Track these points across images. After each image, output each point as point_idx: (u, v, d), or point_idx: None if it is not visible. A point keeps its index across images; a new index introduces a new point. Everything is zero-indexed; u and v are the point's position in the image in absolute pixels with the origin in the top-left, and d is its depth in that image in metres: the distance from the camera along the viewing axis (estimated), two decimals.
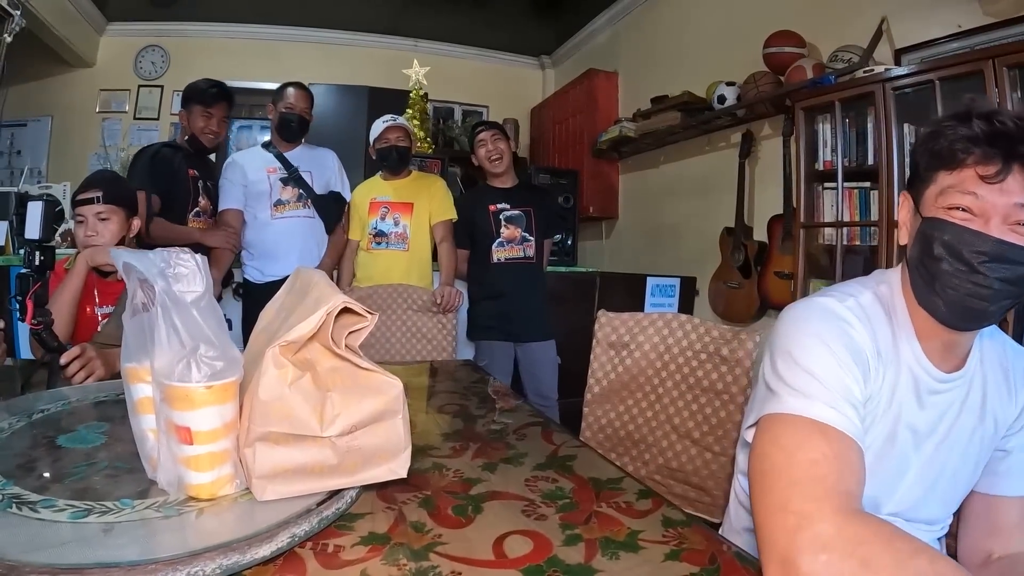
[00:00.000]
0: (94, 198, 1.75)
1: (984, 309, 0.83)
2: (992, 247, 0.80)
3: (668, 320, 1.56)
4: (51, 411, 1.05)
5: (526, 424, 1.23)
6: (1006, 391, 0.97)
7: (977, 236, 0.80)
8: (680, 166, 4.27)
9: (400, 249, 2.83)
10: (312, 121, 2.95)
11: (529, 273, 2.88)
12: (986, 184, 0.80)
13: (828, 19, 3.07)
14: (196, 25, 5.51)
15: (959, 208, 0.82)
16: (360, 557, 0.66)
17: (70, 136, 5.35)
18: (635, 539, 0.74)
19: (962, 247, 0.82)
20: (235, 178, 2.82)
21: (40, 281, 1.30)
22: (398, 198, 2.85)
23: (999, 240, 0.79)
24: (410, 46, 5.81)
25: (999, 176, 0.79)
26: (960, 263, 0.82)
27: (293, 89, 2.88)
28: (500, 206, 2.87)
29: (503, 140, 2.89)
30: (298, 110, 2.84)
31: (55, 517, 0.66)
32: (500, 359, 2.84)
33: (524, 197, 2.92)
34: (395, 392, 0.77)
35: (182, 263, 0.72)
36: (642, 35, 4.80)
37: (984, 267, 0.80)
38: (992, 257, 0.80)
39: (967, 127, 0.81)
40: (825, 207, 2.82)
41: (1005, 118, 0.79)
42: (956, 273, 0.82)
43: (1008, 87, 2.07)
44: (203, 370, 0.70)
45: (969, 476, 0.98)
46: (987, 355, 0.97)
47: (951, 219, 0.83)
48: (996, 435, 0.97)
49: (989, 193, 0.80)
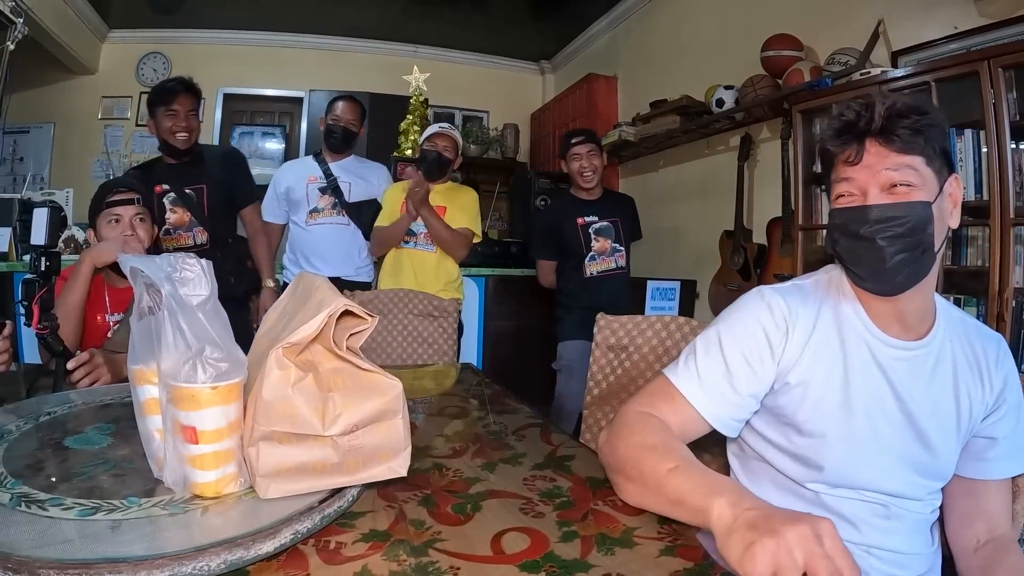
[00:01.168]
0: (134, 199, 1.79)
1: (889, 268, 0.91)
2: (865, 213, 0.91)
3: (666, 323, 1.57)
4: (58, 414, 1.06)
5: (525, 425, 1.25)
6: (977, 375, 1.01)
7: (853, 210, 0.93)
8: (679, 170, 4.29)
9: (429, 250, 2.83)
10: (360, 133, 3.02)
11: (621, 282, 2.94)
12: (851, 167, 0.93)
13: (825, 22, 3.09)
14: (198, 32, 5.55)
15: (842, 196, 0.95)
16: (361, 553, 0.68)
17: (72, 143, 5.39)
18: (630, 535, 0.75)
19: (848, 223, 0.93)
20: (273, 190, 2.97)
21: (46, 286, 1.31)
22: (432, 200, 2.82)
23: (868, 206, 0.91)
24: (410, 52, 5.84)
25: (857, 156, 0.92)
26: (851, 239, 0.93)
27: (342, 103, 2.96)
28: (588, 219, 2.90)
29: (598, 156, 2.91)
30: (343, 122, 2.92)
31: (63, 515, 0.68)
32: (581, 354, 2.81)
33: (610, 208, 2.94)
34: (395, 392, 0.79)
35: (188, 267, 0.74)
36: (641, 39, 4.82)
37: (867, 232, 0.91)
38: (870, 221, 0.90)
39: (831, 130, 0.96)
40: (823, 209, 2.83)
41: (852, 107, 0.93)
42: (854, 248, 0.94)
43: (1004, 88, 2.08)
44: (208, 371, 0.72)
45: (948, 452, 1.00)
46: (955, 332, 1.02)
47: (838, 205, 0.95)
48: (972, 418, 1.00)
49: (857, 172, 0.92)
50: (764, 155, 3.46)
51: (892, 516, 0.99)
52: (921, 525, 1.02)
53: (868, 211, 0.90)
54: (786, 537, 0.60)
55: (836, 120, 0.95)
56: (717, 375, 0.98)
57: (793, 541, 0.60)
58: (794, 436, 1.00)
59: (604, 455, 0.94)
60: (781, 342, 0.98)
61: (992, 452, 1.02)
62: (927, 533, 1.04)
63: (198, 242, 2.59)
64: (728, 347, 0.99)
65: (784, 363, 0.99)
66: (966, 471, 1.03)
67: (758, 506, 0.67)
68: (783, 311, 0.99)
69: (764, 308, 1.00)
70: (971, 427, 1.01)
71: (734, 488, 0.72)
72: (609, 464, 0.91)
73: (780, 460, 1.03)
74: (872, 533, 0.98)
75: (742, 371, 0.98)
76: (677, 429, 0.95)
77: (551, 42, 6.00)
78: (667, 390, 0.99)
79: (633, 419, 0.95)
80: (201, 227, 2.59)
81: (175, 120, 2.45)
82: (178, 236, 2.58)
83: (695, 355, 1.00)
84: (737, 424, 1.01)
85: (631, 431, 0.92)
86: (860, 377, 0.97)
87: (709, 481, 0.75)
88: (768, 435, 1.03)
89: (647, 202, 4.62)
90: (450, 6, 5.14)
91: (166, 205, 2.54)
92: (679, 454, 0.83)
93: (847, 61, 2.78)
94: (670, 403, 0.98)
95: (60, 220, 1.40)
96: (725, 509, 0.68)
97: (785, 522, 0.62)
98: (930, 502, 1.02)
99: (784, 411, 1.00)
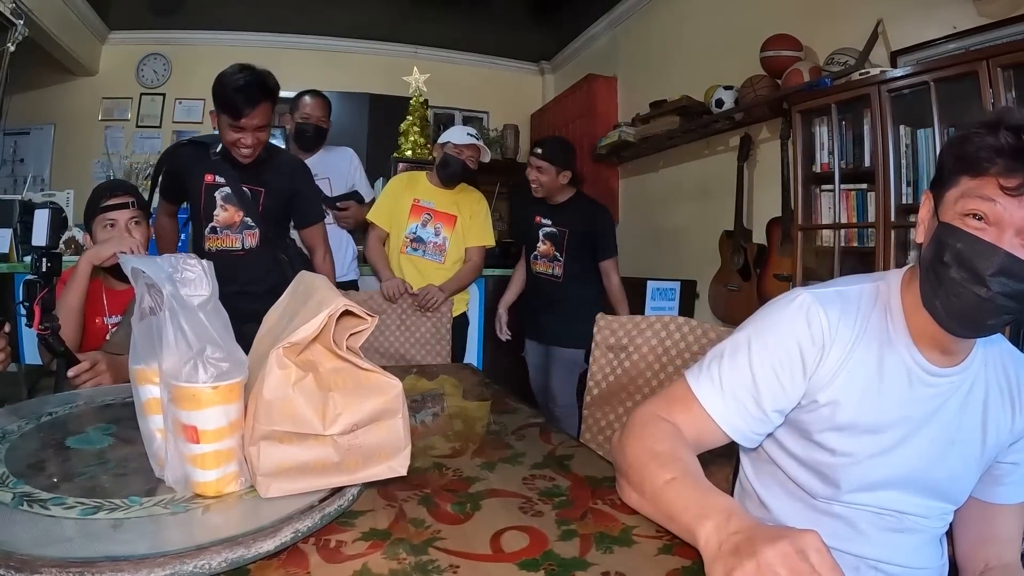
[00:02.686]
0: (129, 203, 1.79)
1: (984, 321, 0.84)
2: (1001, 261, 0.80)
3: (666, 323, 1.57)
4: (59, 414, 1.06)
5: (525, 425, 1.25)
6: (1008, 402, 0.97)
7: (988, 248, 0.81)
8: (679, 170, 4.29)
9: (436, 261, 2.78)
10: (330, 128, 2.94)
11: (553, 288, 2.92)
12: (1005, 195, 0.80)
13: (824, 22, 3.09)
14: (198, 33, 5.55)
15: (975, 215, 0.82)
16: (361, 552, 0.68)
17: (73, 144, 5.39)
18: (629, 534, 0.76)
19: (972, 257, 0.82)
20: None
21: (47, 287, 1.32)
22: (442, 207, 2.79)
23: (1009, 254, 0.79)
24: (410, 53, 5.84)
25: (1020, 190, 0.79)
26: (968, 273, 0.82)
27: (309, 98, 2.88)
28: (543, 220, 2.90)
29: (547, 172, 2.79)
30: (314, 119, 2.85)
31: (65, 514, 0.68)
32: (532, 356, 3.07)
33: (566, 218, 2.88)
34: (395, 392, 0.79)
35: (189, 268, 0.75)
36: (640, 40, 4.83)
37: (991, 280, 0.80)
38: (1000, 271, 0.80)
39: (994, 137, 0.80)
40: (823, 209, 2.83)
41: None
42: (963, 282, 0.83)
43: (1003, 87, 2.08)
44: (209, 371, 0.72)
45: (967, 479, 0.98)
46: (990, 357, 0.98)
47: (965, 228, 0.83)
48: (997, 446, 0.97)
49: (1008, 203, 0.80)
50: (763, 155, 3.46)
51: (904, 530, 0.97)
52: (931, 539, 1.01)
53: (1007, 259, 0.80)
54: (766, 557, 0.59)
55: (1012, 135, 0.80)
56: (741, 387, 0.93)
57: (775, 560, 0.59)
58: (814, 452, 0.97)
59: (615, 455, 0.92)
60: (815, 359, 0.93)
61: (1011, 476, 1.00)
62: (937, 546, 1.02)
63: (246, 246, 2.24)
64: (757, 358, 0.93)
65: (816, 381, 0.93)
66: (984, 495, 1.01)
67: (744, 528, 0.65)
68: (822, 326, 0.92)
69: (802, 320, 0.93)
70: (995, 454, 0.98)
71: (724, 509, 0.69)
72: (618, 465, 0.90)
73: (796, 471, 1.00)
74: (882, 544, 0.97)
75: (769, 386, 0.92)
76: (692, 438, 0.92)
77: (551, 43, 6.01)
78: (685, 396, 0.95)
79: (645, 422, 0.92)
80: (253, 230, 2.23)
81: (241, 136, 2.05)
82: (224, 236, 2.24)
83: (720, 361, 0.95)
84: (758, 437, 0.97)
85: (641, 435, 0.89)
86: (893, 403, 0.93)
87: (701, 500, 0.73)
88: (787, 445, 1.01)
89: (647, 202, 4.64)
90: (450, 7, 5.14)
91: (216, 199, 2.20)
92: (680, 465, 0.81)
93: (846, 61, 2.79)
94: (687, 410, 0.94)
95: (61, 221, 1.41)
96: (712, 534, 0.67)
97: (766, 542, 0.60)
98: (941, 518, 1.00)
99: (809, 428, 0.97)
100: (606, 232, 2.94)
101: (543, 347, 2.98)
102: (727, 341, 0.98)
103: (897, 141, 2.45)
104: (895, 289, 0.97)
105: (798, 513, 1.01)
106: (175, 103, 5.58)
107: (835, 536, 0.96)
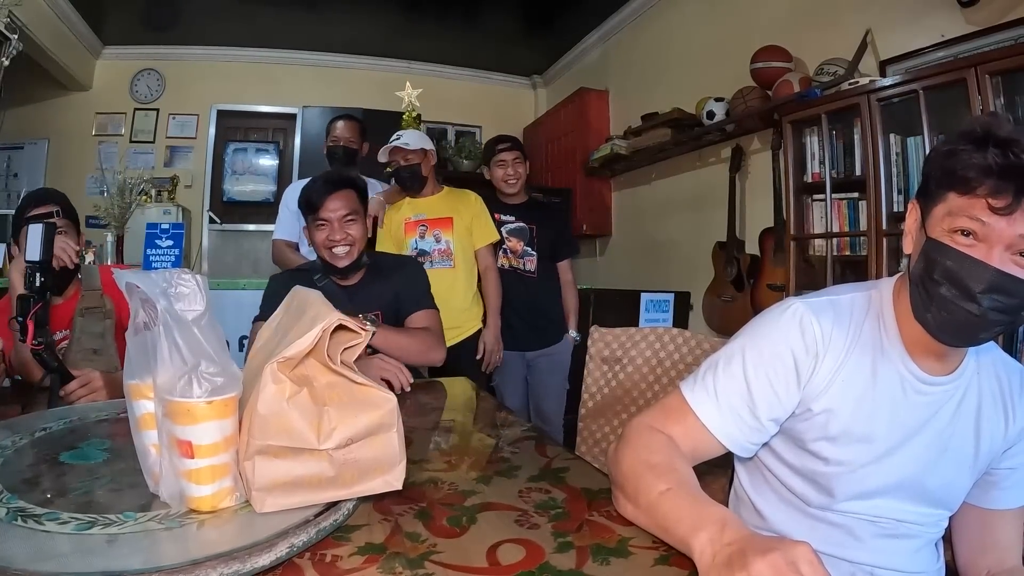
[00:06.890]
0: (53, 212, 1.73)
1: (976, 335, 0.85)
2: (992, 277, 0.80)
3: (660, 334, 1.58)
4: (53, 429, 1.06)
5: (520, 438, 1.25)
6: (1001, 409, 0.97)
7: (978, 266, 0.81)
8: (672, 182, 4.32)
9: (446, 267, 2.68)
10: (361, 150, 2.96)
11: (524, 285, 2.87)
12: (995, 214, 0.79)
13: (814, 33, 3.13)
14: (191, 49, 5.58)
15: (964, 232, 0.82)
16: (357, 566, 0.68)
17: (67, 159, 5.39)
18: (625, 545, 0.76)
19: (963, 275, 0.82)
20: (287, 208, 2.89)
21: (40, 302, 1.32)
22: (435, 214, 2.73)
23: (999, 271, 0.80)
24: (403, 68, 5.87)
25: (1009, 209, 0.78)
26: (959, 290, 0.82)
27: (340, 122, 2.94)
28: (505, 218, 2.87)
29: (523, 164, 2.88)
30: (343, 141, 2.89)
31: (60, 529, 0.68)
32: (511, 369, 2.86)
33: (530, 215, 2.90)
34: (390, 406, 0.79)
35: (183, 283, 0.75)
36: (632, 53, 4.87)
37: (982, 297, 0.81)
38: (991, 287, 0.80)
39: (982, 155, 0.80)
40: (815, 219, 2.86)
41: (1020, 150, 0.78)
42: (954, 299, 0.83)
43: (991, 94, 2.10)
44: (204, 386, 0.72)
45: (960, 486, 0.98)
46: (983, 364, 0.98)
47: (955, 245, 0.83)
48: (991, 453, 0.98)
49: (997, 222, 0.79)
50: (755, 166, 3.49)
51: (899, 535, 0.98)
52: (927, 543, 1.01)
53: (998, 276, 0.80)
54: (757, 569, 0.59)
55: (1000, 153, 0.79)
56: (736, 397, 0.93)
57: (766, 572, 0.59)
58: (808, 461, 0.97)
59: (610, 467, 0.91)
60: (810, 368, 0.93)
61: (1008, 481, 1.00)
62: (933, 550, 1.03)
63: None
64: (752, 367, 0.93)
65: (809, 390, 0.94)
66: (982, 501, 1.01)
67: (737, 539, 0.66)
68: (816, 335, 0.93)
69: (795, 329, 0.94)
70: (988, 461, 0.98)
71: (718, 520, 0.70)
72: (614, 477, 0.89)
73: (790, 479, 1.01)
74: (877, 550, 0.97)
75: (764, 395, 0.93)
76: (688, 448, 0.92)
77: (543, 57, 6.06)
78: (680, 407, 0.95)
79: (641, 433, 0.93)
80: None
81: (328, 231, 1.85)
82: None
83: (715, 371, 0.95)
84: (753, 447, 0.97)
85: (636, 446, 0.89)
86: (887, 412, 0.94)
87: (695, 511, 0.73)
88: (781, 454, 1.01)
89: (640, 215, 4.66)
90: (443, 22, 5.18)
91: None
92: (675, 476, 0.81)
93: (836, 71, 2.82)
94: (682, 421, 0.94)
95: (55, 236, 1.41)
96: (706, 545, 0.67)
97: (757, 554, 0.61)
98: (936, 523, 1.01)
99: (803, 437, 0.97)
100: (563, 231, 3.00)
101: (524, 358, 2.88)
102: (721, 351, 0.98)
103: (887, 150, 2.48)
104: (887, 298, 0.97)
105: (793, 521, 1.01)
106: (169, 118, 5.60)
107: (831, 543, 0.96)
